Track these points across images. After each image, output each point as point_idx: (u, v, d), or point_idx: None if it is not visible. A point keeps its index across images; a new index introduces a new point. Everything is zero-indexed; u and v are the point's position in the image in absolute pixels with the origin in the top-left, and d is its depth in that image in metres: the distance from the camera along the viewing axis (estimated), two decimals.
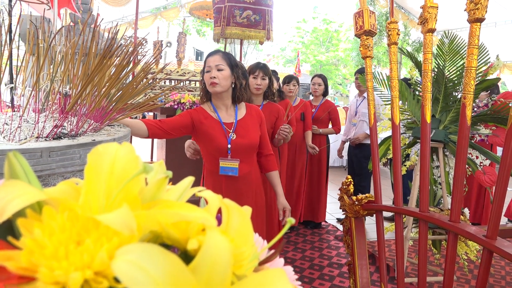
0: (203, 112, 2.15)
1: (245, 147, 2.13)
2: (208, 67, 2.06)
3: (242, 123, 2.16)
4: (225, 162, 2.10)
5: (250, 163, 2.17)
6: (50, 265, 0.22)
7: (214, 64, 2.04)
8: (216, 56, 2.08)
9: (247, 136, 2.13)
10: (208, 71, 2.06)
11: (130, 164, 0.32)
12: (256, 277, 0.27)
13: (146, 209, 0.29)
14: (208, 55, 2.13)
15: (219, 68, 2.04)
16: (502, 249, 1.56)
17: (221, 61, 2.05)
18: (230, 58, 2.11)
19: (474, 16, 1.70)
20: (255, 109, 2.27)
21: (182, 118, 2.11)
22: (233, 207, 0.32)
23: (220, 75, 2.04)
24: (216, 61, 2.05)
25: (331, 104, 4.55)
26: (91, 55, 1.29)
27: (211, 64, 2.05)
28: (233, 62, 2.11)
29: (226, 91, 2.11)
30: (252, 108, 2.26)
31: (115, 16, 10.55)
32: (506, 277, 3.33)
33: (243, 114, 2.20)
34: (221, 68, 2.04)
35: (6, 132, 1.07)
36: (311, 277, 3.23)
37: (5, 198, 0.25)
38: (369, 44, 2.31)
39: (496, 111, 2.69)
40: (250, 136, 2.14)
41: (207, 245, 0.26)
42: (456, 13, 3.49)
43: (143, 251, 0.23)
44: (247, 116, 2.20)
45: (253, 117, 2.21)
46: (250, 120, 2.19)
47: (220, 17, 5.15)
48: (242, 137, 2.12)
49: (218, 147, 2.09)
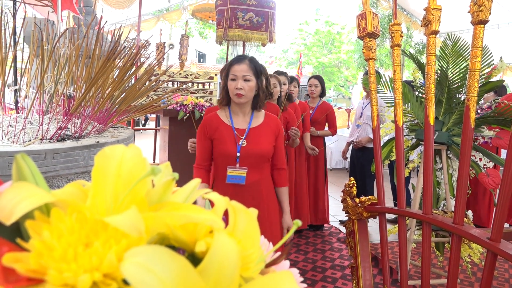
0: (217, 118, 2.13)
1: (255, 155, 2.07)
2: (233, 75, 1.99)
3: (256, 131, 2.10)
4: (233, 171, 2.06)
5: (260, 172, 2.11)
6: (59, 267, 0.22)
7: (241, 74, 1.97)
8: (243, 65, 2.00)
9: (259, 144, 2.07)
10: (234, 79, 1.99)
11: (137, 166, 0.32)
12: (264, 279, 0.27)
13: (153, 211, 0.29)
14: (234, 60, 2.05)
15: (246, 79, 1.98)
16: (506, 252, 1.55)
17: (249, 72, 1.99)
18: (256, 67, 2.03)
19: (477, 18, 1.69)
20: (274, 120, 2.19)
21: (203, 143, 2.12)
22: (240, 209, 0.32)
23: (247, 87, 1.99)
24: (244, 71, 1.98)
25: (328, 106, 4.55)
26: (95, 57, 1.30)
27: (237, 73, 1.98)
28: (258, 71, 2.04)
29: (249, 100, 2.08)
30: (271, 118, 2.19)
31: (118, 18, 10.59)
32: (509, 279, 3.31)
33: (259, 122, 2.13)
34: (248, 79, 1.98)
35: (10, 134, 1.07)
36: (313, 279, 3.22)
37: (13, 200, 0.25)
38: (372, 46, 2.31)
39: (500, 113, 2.68)
40: (261, 144, 2.08)
41: (215, 247, 0.26)
42: (459, 15, 3.48)
43: (152, 254, 0.23)
44: (263, 125, 2.13)
45: (269, 127, 2.14)
46: (265, 129, 2.12)
47: (222, 19, 5.16)
48: (253, 145, 2.06)
49: (227, 153, 2.05)
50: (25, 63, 1.36)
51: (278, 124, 2.18)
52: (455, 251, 1.85)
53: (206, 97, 4.85)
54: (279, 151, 2.17)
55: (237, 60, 2.04)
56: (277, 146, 2.15)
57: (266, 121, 2.15)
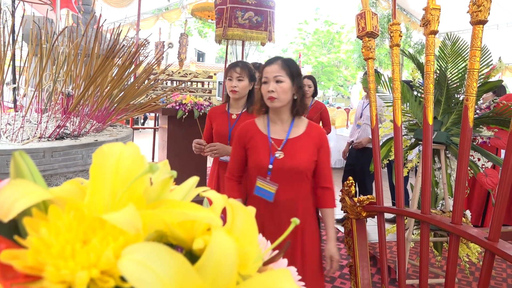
0: (253, 126, 1.96)
1: (290, 170, 1.83)
2: (265, 78, 1.82)
3: (295, 142, 1.86)
4: (262, 183, 1.87)
5: (297, 189, 1.86)
6: (56, 264, 0.22)
7: (272, 75, 1.79)
8: (275, 65, 1.81)
9: (295, 157, 1.83)
10: (266, 82, 1.81)
11: (135, 164, 0.32)
12: (262, 277, 0.27)
13: (151, 209, 0.29)
14: (266, 63, 1.88)
15: (278, 80, 1.79)
16: (504, 251, 1.56)
17: (280, 72, 1.79)
18: (291, 67, 1.83)
19: (476, 18, 1.70)
20: (317, 130, 1.93)
21: (237, 152, 1.98)
22: (237, 207, 0.32)
23: (279, 88, 1.78)
24: (275, 71, 1.79)
25: (321, 105, 4.55)
26: (94, 55, 1.30)
27: (268, 75, 1.80)
28: (294, 71, 1.83)
29: (286, 105, 1.86)
30: (314, 128, 1.93)
31: (117, 17, 10.57)
32: (507, 279, 3.32)
33: (299, 132, 1.89)
34: (280, 80, 1.78)
35: (9, 132, 1.07)
36: None
37: (11, 197, 0.25)
38: (371, 46, 2.31)
39: (498, 113, 2.69)
40: (298, 158, 1.83)
41: (212, 245, 0.26)
42: (458, 15, 3.48)
43: (149, 251, 0.23)
44: (304, 136, 1.88)
45: (311, 139, 1.88)
46: (306, 140, 1.87)
47: (222, 18, 5.16)
48: (289, 158, 1.83)
49: (259, 165, 1.87)
50: (24, 61, 1.36)
51: (322, 135, 1.91)
52: (453, 250, 1.85)
53: (205, 96, 4.84)
54: (322, 166, 1.90)
55: (269, 61, 1.88)
56: (320, 161, 1.89)
57: (308, 131, 1.90)
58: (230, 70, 2.48)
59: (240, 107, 2.56)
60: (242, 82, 2.45)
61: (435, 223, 1.97)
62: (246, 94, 2.54)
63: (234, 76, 2.44)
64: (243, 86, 2.46)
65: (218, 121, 2.55)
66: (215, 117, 2.58)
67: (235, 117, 2.53)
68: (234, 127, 2.48)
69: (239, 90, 2.45)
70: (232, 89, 2.45)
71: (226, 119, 2.53)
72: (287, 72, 1.81)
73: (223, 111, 2.57)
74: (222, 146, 2.40)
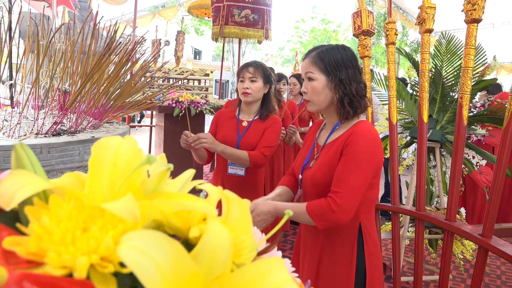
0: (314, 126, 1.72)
1: (308, 181, 1.52)
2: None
3: (326, 149, 1.51)
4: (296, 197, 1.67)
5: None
6: (58, 250, 0.23)
7: (304, 71, 1.51)
8: (306, 61, 1.52)
9: (315, 167, 1.50)
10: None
11: (133, 156, 0.33)
12: (255, 264, 0.28)
13: (148, 200, 0.30)
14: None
15: (309, 77, 1.49)
16: (497, 248, 1.58)
17: (311, 68, 1.48)
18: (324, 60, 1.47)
19: (471, 16, 1.71)
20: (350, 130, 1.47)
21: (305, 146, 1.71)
22: (233, 198, 0.33)
23: (310, 87, 1.50)
24: (304, 67, 1.51)
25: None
26: (90, 53, 1.30)
27: (301, 71, 1.53)
28: (333, 63, 1.46)
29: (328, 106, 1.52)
30: (352, 129, 1.47)
31: (113, 14, 10.54)
32: (501, 276, 3.35)
33: (336, 136, 1.52)
34: (311, 78, 1.48)
35: (5, 128, 1.07)
36: None
37: (13, 187, 0.26)
38: (367, 44, 2.32)
39: (493, 111, 2.71)
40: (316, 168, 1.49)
41: (208, 233, 0.27)
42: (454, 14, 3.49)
43: (147, 237, 0.24)
44: (336, 140, 1.50)
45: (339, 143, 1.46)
46: (334, 146, 1.48)
47: (218, 16, 5.16)
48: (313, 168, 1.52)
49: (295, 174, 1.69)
50: (21, 58, 1.36)
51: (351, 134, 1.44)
52: (447, 247, 1.87)
53: (202, 94, 4.85)
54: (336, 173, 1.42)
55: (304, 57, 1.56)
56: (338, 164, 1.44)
57: (345, 134, 1.47)
58: (242, 70, 2.19)
59: (252, 113, 2.24)
60: (255, 83, 2.16)
61: (429, 220, 1.99)
62: (260, 98, 2.23)
63: (246, 76, 2.15)
64: (256, 88, 2.16)
65: (225, 127, 2.23)
66: (223, 122, 2.26)
67: (245, 124, 2.21)
68: (243, 136, 2.17)
69: (252, 92, 2.15)
70: (244, 91, 2.15)
71: (235, 126, 2.21)
72: (320, 68, 1.46)
73: (233, 116, 2.26)
74: (213, 139, 2.03)
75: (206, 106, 4.23)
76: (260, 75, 2.15)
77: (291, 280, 0.29)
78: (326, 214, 1.34)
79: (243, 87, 2.14)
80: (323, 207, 1.34)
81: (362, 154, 1.37)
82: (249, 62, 2.22)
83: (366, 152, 1.38)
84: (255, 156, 2.10)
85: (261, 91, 2.18)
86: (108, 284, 0.24)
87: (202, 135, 1.98)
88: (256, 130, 2.18)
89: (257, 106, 2.24)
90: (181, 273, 0.24)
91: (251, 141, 2.15)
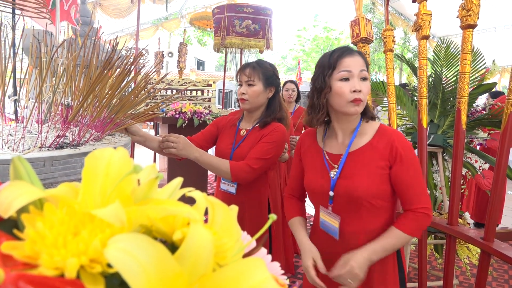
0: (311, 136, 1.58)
1: (344, 196, 1.36)
2: (346, 72, 1.33)
3: (355, 157, 1.38)
4: (325, 215, 1.44)
5: (358, 220, 1.37)
6: (50, 252, 0.25)
7: (357, 70, 1.34)
8: (358, 57, 1.36)
9: (352, 179, 1.35)
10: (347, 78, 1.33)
11: (124, 167, 0.36)
12: (236, 264, 0.30)
13: (136, 206, 0.32)
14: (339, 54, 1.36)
15: (363, 77, 1.35)
16: (499, 251, 1.58)
17: (364, 66, 1.38)
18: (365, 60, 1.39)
19: (466, 22, 1.73)
20: (390, 137, 1.36)
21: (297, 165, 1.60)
22: (217, 204, 0.35)
23: (365, 88, 1.35)
24: (359, 65, 1.35)
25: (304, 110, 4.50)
26: (92, 67, 1.33)
27: (352, 68, 1.33)
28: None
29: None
30: (386, 134, 1.38)
31: (117, 27, 10.69)
32: (509, 280, 3.33)
33: (364, 141, 1.39)
34: (365, 77, 1.36)
35: (10, 142, 1.10)
36: None
37: (10, 196, 0.28)
38: (366, 52, 2.35)
39: (493, 115, 2.72)
40: (355, 180, 1.34)
41: (190, 236, 0.29)
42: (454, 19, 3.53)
43: (132, 240, 0.26)
44: (367, 147, 1.38)
45: (378, 150, 1.36)
46: (369, 153, 1.36)
47: (220, 27, 5.23)
48: (345, 179, 1.37)
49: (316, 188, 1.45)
50: (24, 73, 1.40)
51: (395, 141, 1.34)
52: (450, 251, 1.87)
53: (205, 104, 4.89)
54: (403, 186, 1.33)
55: (348, 51, 1.36)
56: (398, 180, 1.33)
57: (376, 139, 1.38)
58: (239, 73, 1.93)
59: (253, 121, 1.96)
60: (253, 87, 1.86)
61: (432, 225, 1.99)
62: (261, 104, 1.93)
63: (243, 80, 1.89)
64: (254, 92, 1.86)
65: (223, 136, 2.00)
66: (223, 129, 2.03)
67: (244, 133, 1.94)
68: (238, 146, 1.90)
69: (248, 98, 1.87)
70: (240, 97, 1.90)
71: (233, 135, 1.96)
72: (367, 65, 1.39)
73: (234, 124, 2.01)
74: (187, 143, 1.69)
75: (209, 116, 4.27)
76: (259, 77, 1.86)
77: (271, 279, 0.31)
78: (423, 223, 1.32)
79: (239, 92, 1.91)
80: (419, 220, 1.31)
81: (415, 158, 1.35)
82: (247, 63, 1.94)
83: (415, 154, 1.37)
84: (238, 168, 1.75)
85: (260, 95, 1.88)
86: (97, 283, 0.26)
87: (172, 138, 1.68)
88: (251, 139, 1.88)
89: (259, 113, 1.95)
90: (165, 273, 0.26)
91: (243, 152, 1.85)
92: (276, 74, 1.95)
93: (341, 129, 1.43)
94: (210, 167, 1.75)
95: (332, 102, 1.37)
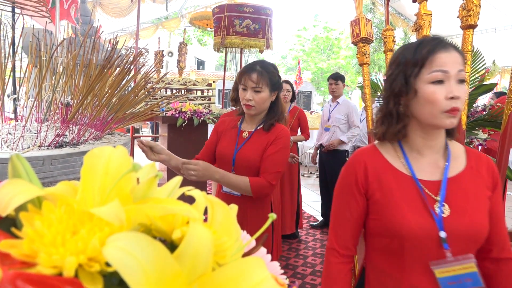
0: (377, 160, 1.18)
1: (462, 236, 1.04)
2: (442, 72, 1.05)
3: (459, 184, 1.10)
4: (444, 270, 1.04)
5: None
6: (48, 251, 0.25)
7: (455, 70, 1.06)
8: (456, 53, 1.08)
9: (467, 213, 1.06)
10: (442, 81, 1.05)
11: (123, 165, 0.35)
12: (235, 263, 0.30)
13: (136, 205, 0.32)
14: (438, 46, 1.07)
15: (460, 78, 1.10)
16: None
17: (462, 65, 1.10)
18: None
19: (466, 22, 1.73)
20: (484, 159, 1.15)
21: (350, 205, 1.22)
22: (217, 203, 0.35)
23: (464, 93, 1.10)
24: (458, 63, 1.08)
25: (298, 110, 4.46)
26: (92, 66, 1.33)
27: (448, 68, 1.05)
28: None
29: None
30: (477, 157, 1.15)
31: (117, 27, 10.68)
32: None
33: (461, 166, 1.13)
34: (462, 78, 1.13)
35: (9, 141, 1.10)
36: (313, 283, 3.24)
37: (9, 194, 0.28)
38: (366, 51, 2.35)
39: (493, 115, 2.71)
40: (471, 214, 1.06)
41: (189, 234, 0.29)
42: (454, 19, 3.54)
43: (131, 238, 0.26)
44: (468, 172, 1.12)
45: (481, 176, 1.12)
46: (474, 180, 1.11)
47: (220, 27, 5.23)
48: (459, 215, 1.06)
49: (417, 234, 1.05)
50: (24, 72, 1.39)
51: (492, 166, 1.14)
52: None
53: (205, 104, 4.89)
54: (497, 220, 1.10)
55: (441, 45, 1.07)
56: (494, 213, 1.10)
57: (471, 162, 1.14)
58: (243, 76, 1.83)
59: (255, 123, 1.92)
60: (260, 94, 1.81)
61: None
62: (266, 109, 1.90)
63: (249, 85, 1.80)
64: (261, 99, 1.81)
65: (224, 139, 1.95)
66: (223, 132, 1.98)
67: (246, 135, 1.89)
68: (241, 148, 1.85)
69: (255, 105, 1.81)
70: (246, 103, 1.82)
71: (234, 137, 1.91)
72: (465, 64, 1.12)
73: (234, 126, 1.96)
74: (206, 167, 1.70)
75: (209, 115, 4.27)
76: (266, 83, 1.80)
77: (270, 278, 0.31)
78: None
79: (245, 98, 1.81)
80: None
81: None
82: (252, 66, 1.84)
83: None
84: (259, 186, 1.74)
85: (267, 101, 1.84)
86: (95, 282, 0.26)
87: (191, 166, 1.67)
88: (256, 143, 1.83)
89: (262, 115, 1.91)
90: (164, 272, 0.26)
91: (247, 155, 1.81)
92: (280, 77, 1.92)
93: (429, 146, 1.12)
94: (231, 186, 1.75)
95: (418, 111, 1.07)
